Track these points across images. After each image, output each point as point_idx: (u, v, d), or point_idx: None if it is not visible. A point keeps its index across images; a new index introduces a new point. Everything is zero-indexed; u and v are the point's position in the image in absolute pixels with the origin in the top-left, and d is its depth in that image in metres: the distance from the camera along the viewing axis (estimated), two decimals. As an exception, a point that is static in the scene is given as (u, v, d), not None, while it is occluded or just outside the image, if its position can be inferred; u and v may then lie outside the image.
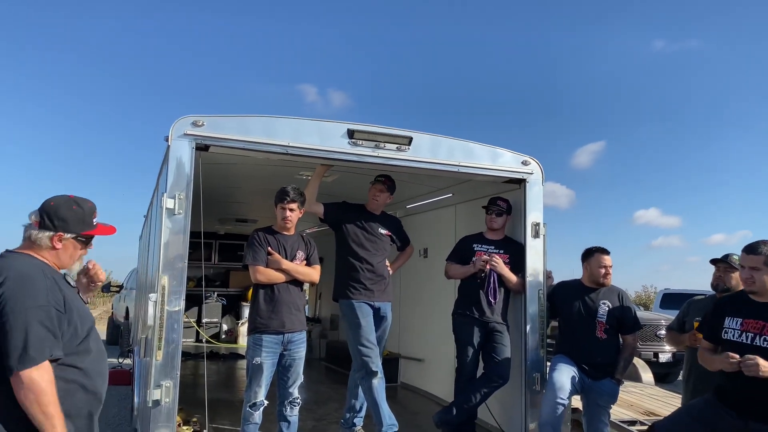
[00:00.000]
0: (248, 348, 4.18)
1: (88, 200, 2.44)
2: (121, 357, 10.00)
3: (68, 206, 2.34)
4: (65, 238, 2.33)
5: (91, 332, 2.35)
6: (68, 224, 2.33)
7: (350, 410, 4.72)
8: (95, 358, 2.34)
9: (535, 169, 4.74)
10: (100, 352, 2.39)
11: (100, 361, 2.37)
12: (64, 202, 2.35)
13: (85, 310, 2.38)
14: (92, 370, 2.31)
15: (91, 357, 2.31)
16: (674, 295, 14.48)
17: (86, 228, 2.38)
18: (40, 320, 2.07)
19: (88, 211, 2.40)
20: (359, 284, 4.54)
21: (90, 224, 2.39)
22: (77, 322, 2.25)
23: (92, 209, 2.42)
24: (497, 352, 4.60)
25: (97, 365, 2.35)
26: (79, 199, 2.40)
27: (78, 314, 2.27)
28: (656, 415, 6.16)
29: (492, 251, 4.75)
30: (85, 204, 2.40)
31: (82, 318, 2.30)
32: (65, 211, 2.33)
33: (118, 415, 7.26)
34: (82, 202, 2.40)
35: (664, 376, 10.38)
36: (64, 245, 2.33)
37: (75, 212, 2.35)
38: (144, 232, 7.88)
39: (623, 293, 4.64)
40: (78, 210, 2.36)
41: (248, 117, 4.02)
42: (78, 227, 2.35)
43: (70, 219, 2.33)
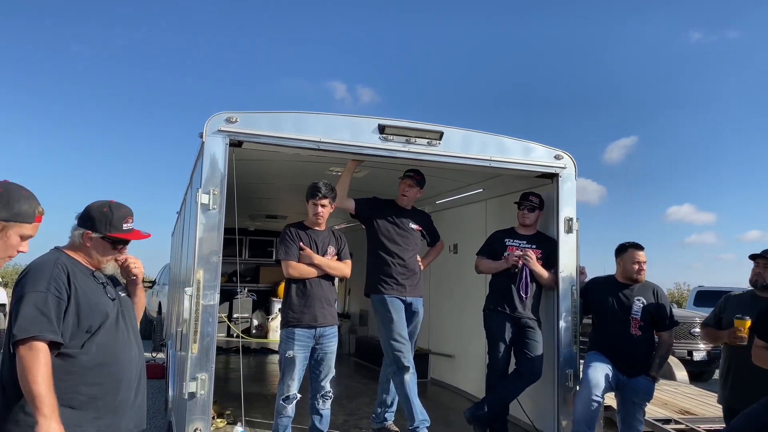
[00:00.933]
0: (281, 342, 4.22)
1: (124, 206, 2.60)
2: (155, 351, 10.21)
3: (99, 209, 2.53)
4: (93, 237, 2.50)
5: (101, 329, 2.43)
6: (95, 224, 2.50)
7: (381, 405, 4.73)
8: (98, 358, 2.40)
9: (568, 164, 4.69)
10: (106, 355, 2.43)
11: (103, 364, 2.41)
12: (98, 205, 2.55)
13: (98, 307, 2.44)
14: (93, 371, 2.38)
15: (90, 356, 2.38)
16: (708, 292, 14.18)
17: (112, 230, 2.52)
18: (34, 302, 2.23)
19: (118, 215, 2.54)
20: (391, 279, 4.54)
21: (117, 228, 2.53)
22: (83, 315, 2.37)
23: (123, 215, 2.56)
24: (529, 348, 4.57)
25: (97, 366, 2.40)
26: (113, 204, 2.57)
27: (86, 308, 2.38)
28: (691, 413, 6.06)
29: (524, 246, 4.71)
30: (118, 209, 2.56)
31: (90, 312, 2.39)
32: (95, 213, 2.52)
33: (152, 407, 7.40)
34: (115, 206, 2.56)
35: (698, 375, 10.19)
36: (94, 244, 2.51)
37: (104, 214, 2.52)
38: (177, 228, 8.01)
39: (658, 289, 4.56)
40: (107, 213, 2.52)
41: (280, 113, 4.06)
42: (103, 228, 2.51)
43: (97, 219, 2.51)
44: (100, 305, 2.45)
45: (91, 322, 2.39)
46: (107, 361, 2.43)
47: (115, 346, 2.48)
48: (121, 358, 2.50)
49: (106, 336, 2.44)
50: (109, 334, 2.45)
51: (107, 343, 2.44)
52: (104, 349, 2.42)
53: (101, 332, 2.43)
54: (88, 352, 2.37)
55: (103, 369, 2.41)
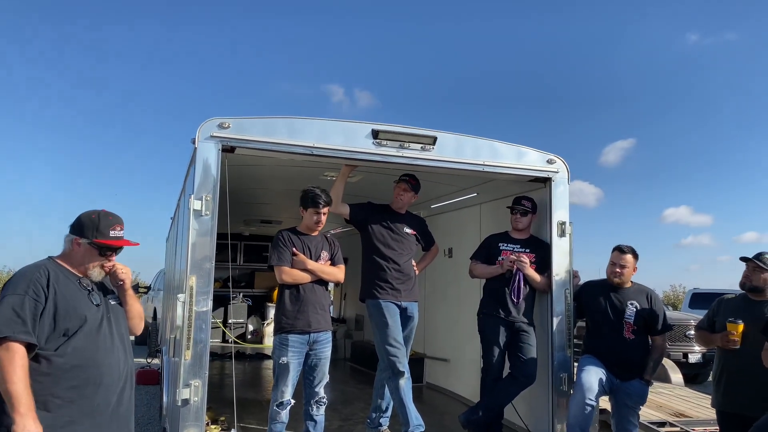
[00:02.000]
0: (274, 348, 4.21)
1: (113, 215, 2.66)
2: (150, 357, 10.17)
3: (88, 216, 2.61)
4: (81, 243, 2.57)
5: (78, 333, 2.46)
6: (83, 230, 2.58)
7: (376, 410, 4.73)
8: (73, 361, 2.43)
9: (561, 168, 4.70)
10: (82, 359, 2.45)
11: (78, 368, 2.44)
12: (88, 213, 2.63)
13: (77, 311, 2.48)
14: (68, 373, 2.41)
15: (65, 359, 2.41)
16: (704, 294, 14.23)
17: (99, 236, 2.59)
18: (12, 305, 2.30)
19: (105, 222, 2.61)
20: (386, 284, 4.54)
21: (104, 234, 2.59)
22: (60, 318, 2.41)
23: (111, 222, 2.62)
24: (523, 352, 4.57)
25: (72, 369, 2.43)
26: (102, 212, 2.64)
27: (63, 312, 2.43)
28: (686, 416, 6.07)
29: (518, 250, 4.72)
30: (106, 217, 2.63)
31: (67, 316, 2.44)
32: (84, 220, 2.60)
33: (147, 414, 7.37)
34: (103, 215, 2.63)
35: (693, 377, 10.21)
36: (81, 250, 2.58)
37: (92, 221, 2.59)
38: (171, 234, 7.99)
39: (652, 294, 4.57)
40: (95, 219, 2.60)
41: (273, 118, 4.06)
42: (90, 234, 2.58)
43: (86, 226, 2.59)
44: (79, 309, 2.49)
45: (68, 325, 2.43)
46: (84, 365, 2.45)
47: (95, 351, 2.50)
48: (101, 363, 2.51)
49: (84, 340, 2.47)
50: (88, 338, 2.48)
51: (85, 347, 2.47)
52: (81, 353, 2.45)
53: (79, 336, 2.46)
54: (63, 355, 2.41)
55: (79, 372, 2.44)
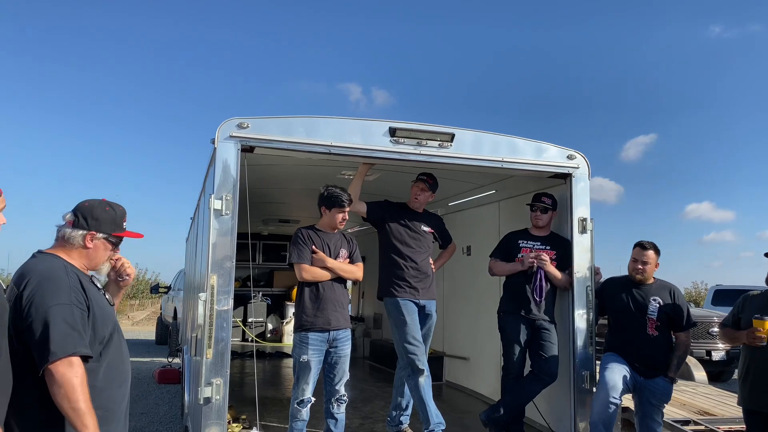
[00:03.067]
0: (295, 346, 4.22)
1: (120, 205, 2.55)
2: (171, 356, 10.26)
3: (102, 207, 2.45)
4: (97, 238, 2.41)
5: (112, 338, 2.37)
6: (101, 224, 2.42)
7: (396, 408, 4.72)
8: (111, 370, 2.36)
9: (581, 164, 4.65)
10: (116, 366, 2.39)
11: (115, 375, 2.38)
12: (98, 203, 2.46)
13: (108, 314, 2.39)
14: (105, 381, 2.33)
15: (104, 368, 2.33)
16: (726, 291, 14.00)
17: (117, 229, 2.48)
18: (63, 317, 2.13)
19: (120, 214, 2.51)
20: (404, 282, 4.54)
21: (120, 226, 2.50)
22: (98, 326, 2.30)
23: (123, 213, 2.53)
24: (545, 350, 4.54)
25: (111, 378, 2.36)
26: (111, 203, 2.52)
27: (100, 318, 2.31)
28: (711, 414, 5.98)
29: (538, 248, 4.68)
30: (117, 207, 2.52)
31: (104, 321, 2.33)
32: (99, 212, 2.43)
33: (169, 413, 7.44)
34: (114, 205, 2.51)
35: (717, 375, 10.07)
36: (95, 245, 2.41)
37: (108, 213, 2.45)
38: (191, 234, 8.05)
39: (675, 290, 4.51)
40: (110, 212, 2.47)
41: (291, 118, 4.07)
42: (109, 228, 2.45)
43: (103, 219, 2.42)
44: (109, 314, 2.40)
45: (104, 332, 2.33)
46: (118, 372, 2.39)
47: (120, 355, 2.43)
48: (125, 366, 2.46)
49: (115, 346, 2.39)
50: (116, 344, 2.40)
51: (116, 354, 2.39)
52: (114, 359, 2.37)
53: (112, 343, 2.37)
54: (104, 365, 2.31)
55: (115, 380, 2.36)
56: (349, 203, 4.27)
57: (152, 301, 30.82)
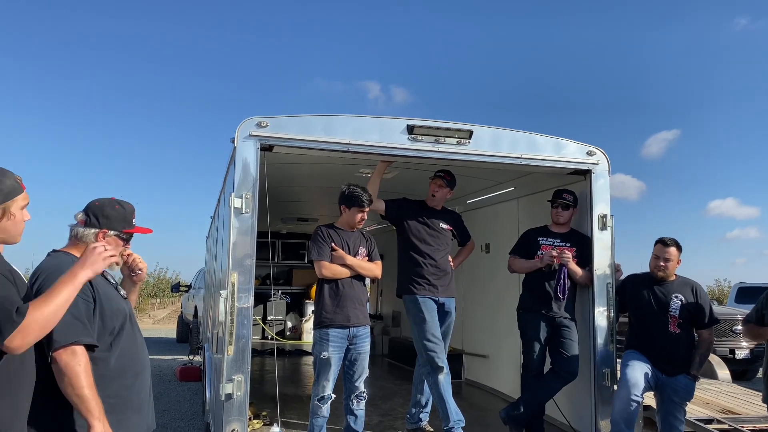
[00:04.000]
0: (315, 343, 4.25)
1: (129, 203, 2.64)
2: (191, 354, 10.38)
3: (112, 206, 2.54)
4: (108, 235, 2.50)
5: (123, 329, 2.44)
6: (111, 222, 2.51)
7: (416, 405, 4.73)
8: (123, 360, 2.42)
9: (601, 160, 4.62)
10: (129, 355, 2.45)
11: (128, 364, 2.44)
12: (108, 202, 2.56)
13: (119, 306, 2.46)
14: (117, 371, 2.38)
15: (116, 358, 2.38)
16: (750, 288, 13.80)
17: (127, 226, 2.56)
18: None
19: (129, 211, 2.59)
20: (423, 279, 4.54)
21: (130, 223, 2.58)
22: (106, 317, 2.37)
23: (132, 210, 2.61)
24: (565, 348, 4.51)
25: (124, 367, 2.41)
26: (121, 201, 2.60)
27: (108, 309, 2.38)
28: (735, 413, 5.90)
29: (558, 244, 4.65)
30: (127, 205, 2.60)
31: (113, 313, 2.40)
32: (109, 210, 2.52)
33: (191, 409, 7.53)
34: (123, 203, 2.60)
35: (741, 374, 9.92)
36: (107, 242, 2.48)
37: (118, 211, 2.54)
38: (211, 233, 8.13)
39: (697, 287, 4.46)
40: (120, 209, 2.56)
41: (310, 116, 4.09)
42: (120, 225, 2.53)
43: (113, 217, 2.51)
44: (119, 306, 2.47)
45: (114, 323, 2.40)
46: (131, 362, 2.45)
47: (134, 346, 2.49)
48: (140, 357, 2.52)
49: (126, 337, 2.45)
50: (128, 334, 2.47)
51: (129, 344, 2.46)
52: (127, 350, 2.44)
53: (123, 333, 2.44)
54: (114, 355, 2.38)
55: (128, 369, 2.43)
56: (369, 203, 4.28)
57: (173, 300, 31.15)
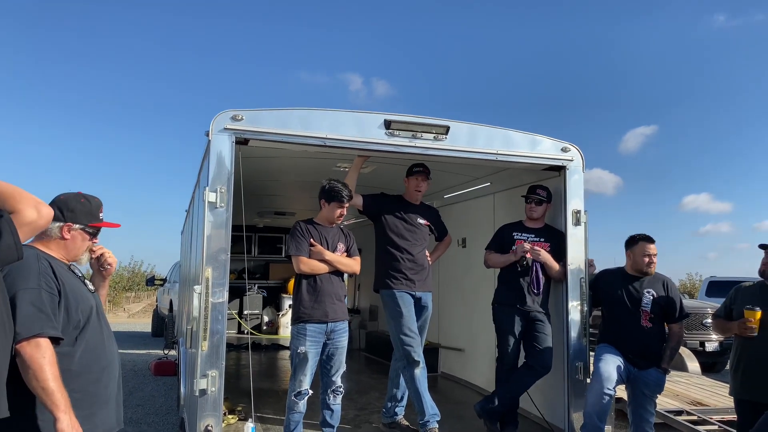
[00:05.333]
0: (292, 338, 4.24)
1: (96, 197, 2.62)
2: (167, 348, 10.28)
3: (77, 200, 2.53)
4: (74, 229, 2.48)
5: (90, 322, 2.42)
6: (77, 215, 2.50)
7: (392, 399, 4.75)
8: (89, 354, 2.39)
9: (576, 156, 4.67)
10: (95, 350, 2.42)
11: (94, 359, 2.41)
12: (73, 196, 2.54)
13: (84, 299, 2.43)
14: (82, 365, 2.36)
15: (82, 352, 2.36)
16: (720, 282, 14.11)
17: (93, 220, 2.54)
18: (30, 300, 2.19)
19: (95, 205, 2.57)
20: (400, 274, 4.55)
21: (96, 217, 2.56)
22: (72, 310, 2.35)
23: (99, 204, 2.59)
24: (539, 341, 4.57)
25: (89, 361, 2.39)
26: (87, 195, 2.58)
27: (74, 302, 2.36)
28: (703, 404, 6.04)
29: (532, 240, 4.70)
30: (93, 199, 2.59)
31: (78, 306, 2.38)
32: (74, 204, 2.50)
33: (165, 404, 7.46)
34: (90, 197, 2.58)
35: (710, 366, 10.15)
36: (73, 236, 2.49)
37: (83, 205, 2.53)
38: (186, 227, 8.05)
39: (669, 281, 4.54)
40: (86, 203, 2.54)
41: (286, 110, 4.06)
42: (86, 219, 2.52)
43: (78, 210, 2.50)
44: (85, 299, 2.44)
45: (79, 317, 2.38)
46: (97, 356, 2.42)
47: (101, 340, 2.47)
48: (107, 351, 2.49)
49: (92, 330, 2.43)
50: (94, 328, 2.44)
51: (95, 338, 2.43)
52: (93, 344, 2.41)
53: (89, 327, 2.41)
54: (80, 348, 2.36)
55: (94, 364, 2.41)
56: (349, 199, 4.27)
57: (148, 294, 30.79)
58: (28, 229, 1.92)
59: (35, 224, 1.93)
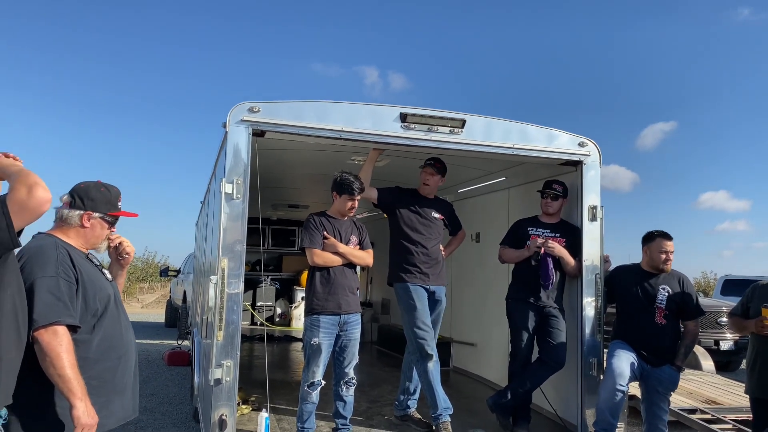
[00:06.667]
0: (305, 329, 4.26)
1: (115, 186, 2.64)
2: (180, 339, 10.37)
3: (97, 188, 2.55)
4: (93, 217, 2.51)
5: (107, 311, 2.44)
6: (96, 204, 2.51)
7: (404, 392, 4.76)
8: (106, 342, 2.42)
9: (593, 151, 4.63)
10: (112, 338, 2.45)
11: (111, 347, 2.44)
12: (93, 185, 2.56)
13: (102, 288, 2.46)
14: (99, 353, 2.39)
15: (99, 340, 2.39)
16: (736, 281, 13.93)
17: (112, 209, 2.57)
18: (48, 288, 2.22)
19: (114, 194, 2.60)
20: (414, 267, 4.55)
21: (116, 206, 2.59)
22: (89, 299, 2.37)
23: (118, 193, 2.62)
24: (552, 337, 4.55)
25: (106, 349, 2.42)
26: (106, 184, 2.61)
27: (91, 291, 2.39)
28: (718, 403, 5.99)
29: (547, 235, 4.68)
30: (112, 188, 2.61)
31: (96, 295, 2.40)
32: (94, 192, 2.52)
33: (179, 394, 7.53)
34: (109, 186, 2.60)
35: (725, 365, 10.06)
36: (92, 224, 2.51)
37: (103, 194, 2.55)
38: (201, 218, 8.10)
39: (684, 278, 4.50)
40: (105, 192, 2.56)
41: (302, 102, 4.07)
42: (105, 207, 2.54)
43: (98, 199, 2.52)
44: (102, 287, 2.46)
45: (97, 305, 2.40)
46: (114, 344, 2.45)
47: (119, 329, 2.49)
48: (125, 340, 2.52)
49: (110, 319, 2.45)
50: (112, 317, 2.47)
51: (112, 326, 2.46)
52: (110, 332, 2.44)
53: (107, 315, 2.44)
54: (97, 337, 2.39)
55: (111, 352, 2.43)
56: (360, 192, 4.28)
57: (162, 285, 31.05)
58: (17, 207, 1.90)
59: (25, 204, 1.90)
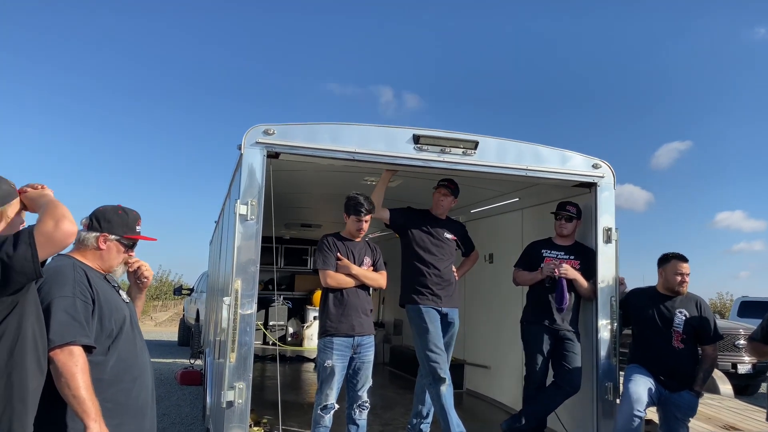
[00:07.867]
0: (319, 351, 4.24)
1: (134, 210, 2.67)
2: (192, 358, 10.37)
3: (114, 211, 2.58)
4: (110, 239, 2.53)
5: (122, 332, 2.44)
6: (113, 226, 2.54)
7: (417, 416, 4.71)
8: (122, 363, 2.42)
9: (607, 173, 4.61)
10: (127, 360, 2.45)
11: (126, 369, 2.44)
12: (111, 208, 2.60)
13: (118, 309, 2.47)
14: (114, 375, 2.39)
15: (114, 362, 2.39)
16: (753, 303, 13.73)
17: (129, 232, 2.59)
18: (64, 308, 2.23)
19: (132, 217, 2.62)
20: (426, 289, 4.53)
21: (133, 229, 2.61)
22: (105, 319, 2.38)
23: (136, 217, 2.64)
24: (568, 360, 4.50)
25: (121, 371, 2.42)
26: (125, 208, 2.64)
27: (107, 312, 2.40)
28: (737, 429, 5.87)
29: (561, 257, 4.64)
30: (131, 212, 2.64)
31: (111, 316, 2.41)
32: (111, 215, 2.56)
33: (191, 414, 7.51)
34: (128, 210, 2.63)
35: (743, 388, 9.87)
36: (108, 247, 2.53)
37: (120, 216, 2.58)
38: (215, 237, 8.14)
39: (701, 302, 4.44)
40: (123, 215, 2.59)
41: (316, 125, 4.10)
42: (122, 230, 2.56)
43: (115, 222, 2.55)
44: (119, 309, 2.48)
45: (112, 326, 2.41)
46: (129, 366, 2.45)
47: (134, 350, 2.50)
48: (140, 362, 2.52)
49: (125, 340, 2.46)
50: (127, 338, 2.47)
51: (128, 348, 2.46)
52: (125, 354, 2.44)
53: (122, 337, 2.44)
54: (112, 358, 2.39)
55: (125, 374, 2.43)
56: (367, 213, 4.27)
57: (175, 303, 31.17)
58: (44, 239, 1.93)
59: (51, 236, 1.94)
